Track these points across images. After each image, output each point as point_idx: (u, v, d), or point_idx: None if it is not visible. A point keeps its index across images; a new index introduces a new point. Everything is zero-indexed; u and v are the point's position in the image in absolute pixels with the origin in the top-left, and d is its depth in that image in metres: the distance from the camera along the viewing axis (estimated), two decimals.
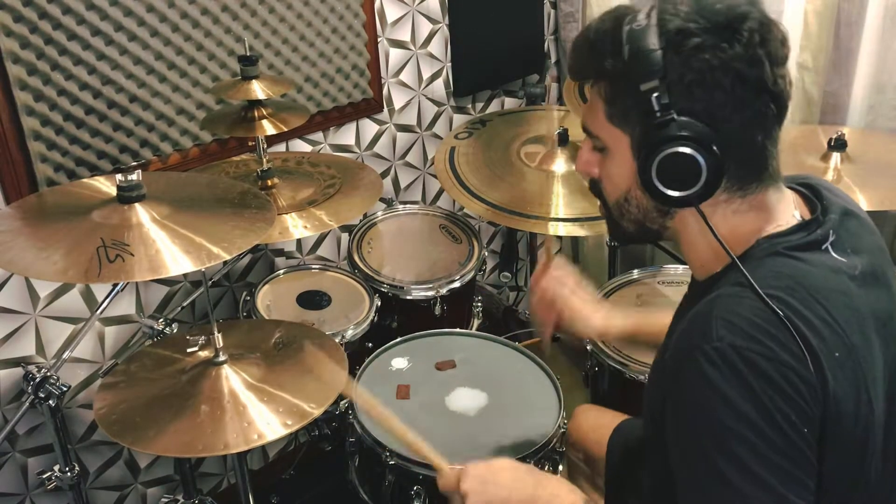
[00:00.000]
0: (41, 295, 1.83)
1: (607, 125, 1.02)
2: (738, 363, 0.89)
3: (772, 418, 0.88)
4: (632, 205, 1.05)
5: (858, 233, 1.05)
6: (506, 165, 2.15)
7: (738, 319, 0.91)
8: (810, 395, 0.89)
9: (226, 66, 1.97)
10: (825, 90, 2.33)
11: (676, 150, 0.95)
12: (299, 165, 1.97)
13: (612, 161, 1.05)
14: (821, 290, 0.95)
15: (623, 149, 1.02)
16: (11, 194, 1.70)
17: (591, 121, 1.05)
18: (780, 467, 0.89)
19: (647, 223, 1.07)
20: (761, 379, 0.88)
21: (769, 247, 0.99)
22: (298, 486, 2.21)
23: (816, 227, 1.01)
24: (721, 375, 0.89)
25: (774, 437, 0.88)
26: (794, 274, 0.96)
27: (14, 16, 1.61)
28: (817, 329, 0.91)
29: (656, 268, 2.12)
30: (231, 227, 1.34)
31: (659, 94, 0.94)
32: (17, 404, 1.83)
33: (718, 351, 0.90)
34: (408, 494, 1.51)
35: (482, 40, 2.59)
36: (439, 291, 2.01)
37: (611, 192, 1.08)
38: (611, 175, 1.06)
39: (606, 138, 1.04)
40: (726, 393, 0.89)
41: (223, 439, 1.31)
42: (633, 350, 1.79)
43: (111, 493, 2.11)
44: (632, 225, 1.08)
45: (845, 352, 0.93)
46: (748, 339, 0.90)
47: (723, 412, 0.89)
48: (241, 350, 1.50)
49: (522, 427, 1.58)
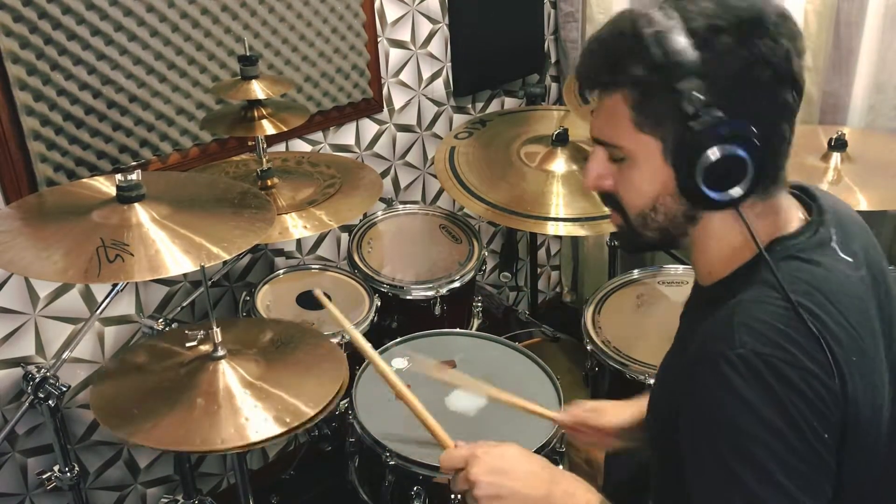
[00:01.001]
0: (41, 295, 1.83)
1: (633, 133, 0.98)
2: (761, 369, 0.88)
3: (795, 424, 0.87)
4: (659, 213, 1.01)
5: (852, 230, 1.05)
6: (506, 165, 2.15)
7: (761, 325, 0.91)
8: (832, 402, 0.89)
9: (226, 66, 1.97)
10: (825, 90, 2.33)
11: (724, 149, 0.93)
12: (299, 165, 1.97)
13: (637, 170, 1.01)
14: (836, 293, 0.94)
15: (653, 156, 0.98)
16: (11, 194, 1.70)
17: (611, 130, 1.01)
18: (800, 473, 0.88)
19: (671, 230, 1.03)
20: (785, 385, 0.88)
21: (783, 250, 0.98)
22: (298, 486, 2.21)
23: (819, 225, 1.01)
24: (745, 382, 0.88)
25: (796, 443, 0.88)
26: (810, 279, 0.95)
27: (14, 16, 1.61)
28: (836, 334, 0.91)
29: (656, 268, 2.12)
30: (231, 227, 1.34)
31: (699, 94, 0.92)
32: (17, 404, 1.83)
33: (742, 357, 0.89)
34: (408, 494, 1.51)
35: (482, 40, 2.59)
36: (439, 291, 2.01)
37: (634, 202, 1.03)
38: (634, 184, 1.02)
39: (631, 147, 1.00)
40: (750, 399, 0.88)
41: (220, 434, 1.29)
42: (633, 350, 1.79)
43: (111, 494, 2.11)
44: (655, 234, 1.04)
45: (861, 356, 0.93)
46: (772, 345, 0.89)
47: (745, 418, 0.88)
48: (239, 346, 1.50)
49: (522, 427, 1.58)
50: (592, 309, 1.95)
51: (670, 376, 1.08)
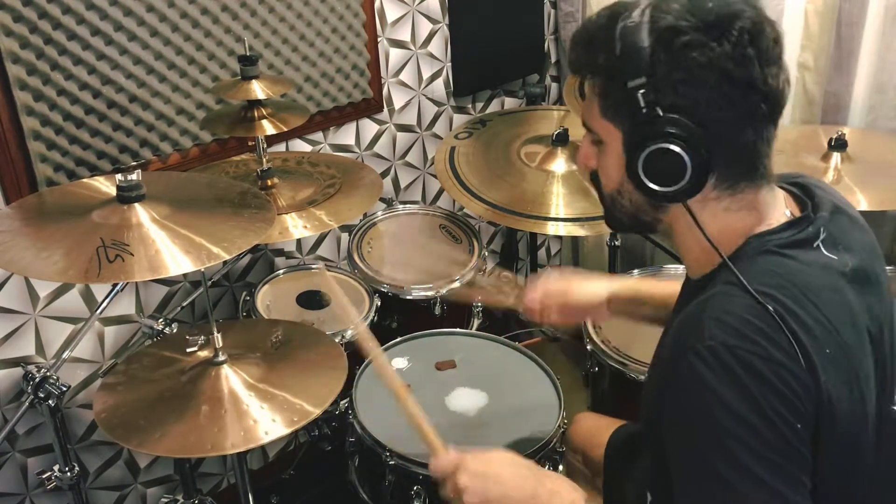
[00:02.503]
0: (41, 295, 1.83)
1: (601, 120, 1.04)
2: (731, 362, 0.89)
3: (766, 416, 0.88)
4: (624, 198, 1.07)
5: (849, 230, 1.06)
6: (506, 165, 2.15)
7: (731, 318, 0.92)
8: (804, 393, 0.90)
9: (226, 66, 1.97)
10: (826, 90, 2.33)
11: (660, 146, 0.96)
12: (299, 165, 1.97)
13: (606, 155, 1.06)
14: (812, 287, 0.95)
15: (615, 143, 1.03)
16: (11, 194, 1.70)
17: (588, 115, 1.07)
18: (776, 464, 0.89)
19: (640, 215, 1.08)
20: (755, 377, 0.89)
21: (759, 245, 1.00)
22: (298, 486, 2.21)
23: (807, 224, 1.01)
24: (714, 375, 0.90)
25: (769, 434, 0.89)
26: (785, 272, 0.96)
27: (14, 16, 1.61)
28: (809, 327, 0.92)
29: (656, 268, 2.12)
30: (231, 227, 1.34)
31: (645, 91, 0.95)
32: (17, 404, 1.82)
33: (711, 350, 0.90)
34: (408, 494, 1.51)
35: (482, 40, 2.59)
36: (439, 291, 2.01)
37: (606, 184, 1.10)
38: (605, 168, 1.08)
39: (601, 132, 1.05)
40: (720, 392, 0.89)
41: (229, 438, 1.31)
42: (633, 350, 1.79)
43: (111, 493, 2.11)
44: (625, 217, 1.10)
45: (837, 349, 0.93)
46: (741, 337, 0.90)
47: (717, 411, 0.89)
48: (240, 350, 1.50)
49: (522, 427, 1.58)
50: None
51: (654, 371, 1.10)
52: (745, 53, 0.94)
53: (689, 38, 0.93)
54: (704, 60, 0.93)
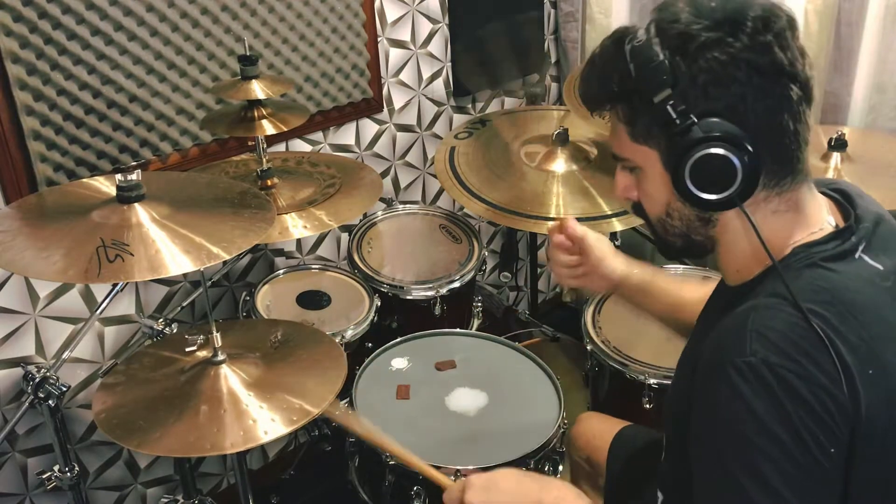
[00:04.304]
0: (41, 295, 1.83)
1: (633, 145, 1.02)
2: (770, 380, 0.88)
3: (800, 437, 0.87)
4: (674, 218, 1.04)
5: (891, 240, 1.03)
6: (506, 165, 2.15)
7: (773, 334, 0.90)
8: (840, 416, 0.88)
9: (226, 66, 1.97)
10: (825, 90, 2.33)
11: (705, 152, 0.94)
12: (299, 165, 1.97)
13: (647, 179, 1.04)
14: (857, 304, 0.93)
15: (654, 164, 1.01)
16: (11, 194, 1.70)
17: (619, 145, 1.05)
18: (802, 486, 0.88)
19: (692, 235, 1.05)
20: (793, 398, 0.87)
21: (806, 257, 0.98)
22: (298, 486, 2.21)
23: (850, 234, 0.99)
24: (752, 391, 0.88)
25: (800, 456, 0.87)
26: (831, 288, 0.94)
27: (14, 15, 1.61)
28: (854, 347, 0.90)
29: (656, 268, 2.11)
30: (231, 227, 1.34)
31: (674, 102, 0.94)
32: (17, 404, 1.83)
33: (751, 366, 0.89)
34: (408, 494, 1.51)
35: (482, 40, 2.59)
36: (439, 291, 2.01)
37: (652, 210, 1.07)
38: (648, 193, 1.06)
39: (636, 158, 1.03)
40: (756, 408, 0.88)
41: (228, 438, 1.31)
42: (633, 350, 1.79)
43: (111, 494, 2.11)
44: (678, 239, 1.07)
45: (879, 369, 0.91)
46: (782, 355, 0.89)
47: (750, 427, 0.88)
48: (240, 350, 1.50)
49: (522, 427, 1.58)
50: (592, 309, 1.95)
51: (683, 373, 1.09)
52: (765, 41, 0.93)
53: (704, 40, 0.92)
54: (726, 58, 0.92)
